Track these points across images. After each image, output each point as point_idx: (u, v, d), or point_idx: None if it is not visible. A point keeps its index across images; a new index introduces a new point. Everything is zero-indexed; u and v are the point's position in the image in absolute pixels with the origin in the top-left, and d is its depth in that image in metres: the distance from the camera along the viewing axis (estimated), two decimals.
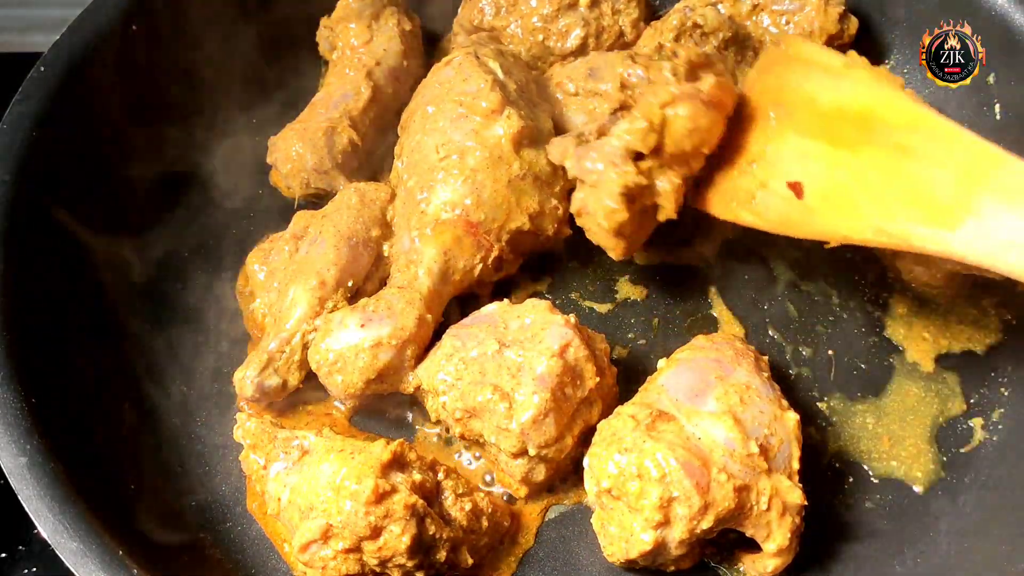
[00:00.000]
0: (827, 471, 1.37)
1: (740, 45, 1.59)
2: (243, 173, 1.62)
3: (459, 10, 1.72)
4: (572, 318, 1.29)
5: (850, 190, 1.26)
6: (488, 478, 1.34)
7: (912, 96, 1.32)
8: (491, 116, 1.39)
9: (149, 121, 1.53)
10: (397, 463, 1.17)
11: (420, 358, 1.33)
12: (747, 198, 1.37)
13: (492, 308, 1.34)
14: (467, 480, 1.26)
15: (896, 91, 1.29)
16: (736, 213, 1.39)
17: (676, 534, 1.14)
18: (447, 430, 1.36)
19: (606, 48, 1.65)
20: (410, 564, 1.14)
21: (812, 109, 1.34)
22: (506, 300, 1.36)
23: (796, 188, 1.31)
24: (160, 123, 1.55)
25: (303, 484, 1.17)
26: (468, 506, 1.21)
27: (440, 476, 1.22)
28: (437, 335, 1.35)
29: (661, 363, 1.30)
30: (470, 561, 1.20)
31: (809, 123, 1.34)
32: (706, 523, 1.13)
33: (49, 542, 1.09)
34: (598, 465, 1.18)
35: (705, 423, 1.18)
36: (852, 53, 1.39)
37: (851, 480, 1.37)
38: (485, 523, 1.23)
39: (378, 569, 1.15)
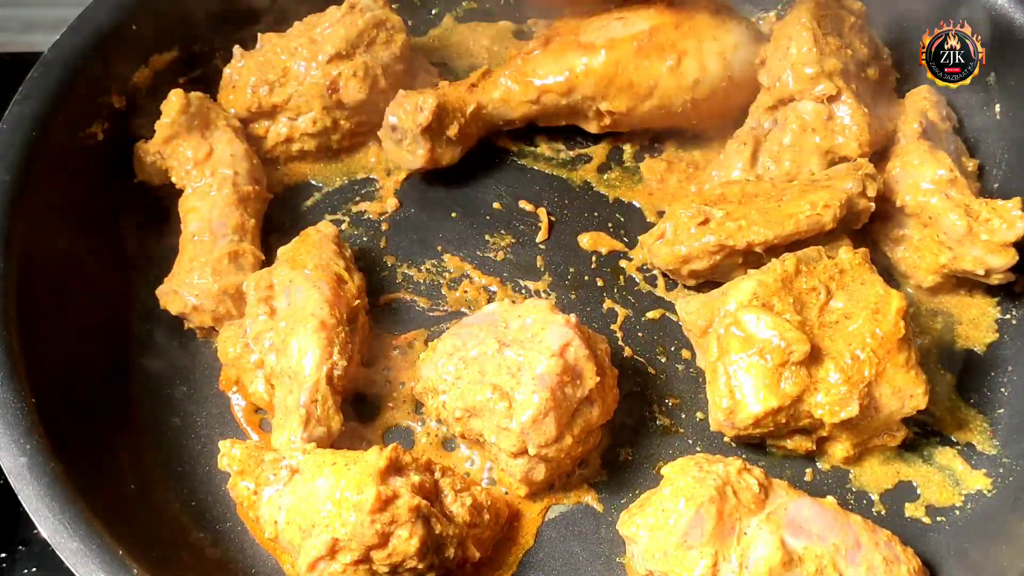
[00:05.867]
0: (827, 470, 1.37)
1: None
2: None
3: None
4: (573, 318, 1.29)
5: None
6: (488, 477, 1.34)
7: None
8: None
9: (149, 120, 1.53)
10: (394, 467, 1.16)
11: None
12: None
13: (492, 307, 1.34)
14: (463, 475, 1.26)
15: None
16: None
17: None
18: (446, 428, 1.36)
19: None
20: (421, 566, 1.13)
21: None
22: (506, 300, 1.36)
23: None
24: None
25: (300, 503, 1.15)
26: (468, 501, 1.21)
27: (437, 475, 1.21)
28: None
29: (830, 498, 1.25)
30: (477, 554, 1.20)
31: None
32: None
33: (49, 542, 1.09)
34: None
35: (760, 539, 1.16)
36: None
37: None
38: (486, 516, 1.23)
39: None
